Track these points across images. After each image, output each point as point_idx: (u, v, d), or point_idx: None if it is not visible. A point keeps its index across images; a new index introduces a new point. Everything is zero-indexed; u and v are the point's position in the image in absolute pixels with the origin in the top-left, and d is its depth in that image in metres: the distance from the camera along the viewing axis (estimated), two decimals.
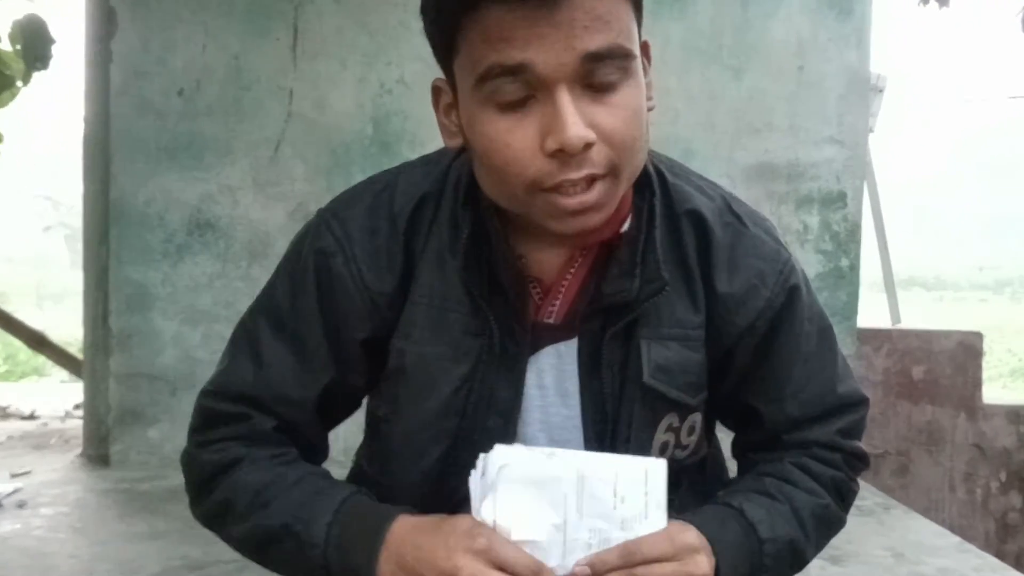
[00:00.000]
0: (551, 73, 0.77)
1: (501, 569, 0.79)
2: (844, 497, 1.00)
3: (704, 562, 0.84)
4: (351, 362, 0.95)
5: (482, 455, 0.84)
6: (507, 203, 0.86)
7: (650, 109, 0.86)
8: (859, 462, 1.02)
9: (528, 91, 0.78)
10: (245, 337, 0.97)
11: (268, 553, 0.92)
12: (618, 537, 0.82)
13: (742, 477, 1.01)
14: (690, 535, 0.85)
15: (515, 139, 0.79)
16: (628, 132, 0.80)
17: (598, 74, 0.78)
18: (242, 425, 0.94)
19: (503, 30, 0.76)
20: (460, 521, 0.83)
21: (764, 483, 0.96)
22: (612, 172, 0.81)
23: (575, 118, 0.77)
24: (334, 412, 1.00)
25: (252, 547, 0.94)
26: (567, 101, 0.77)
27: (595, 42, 0.77)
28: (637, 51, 0.82)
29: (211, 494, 0.94)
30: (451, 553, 0.80)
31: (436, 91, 0.89)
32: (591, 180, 0.80)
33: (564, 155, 0.78)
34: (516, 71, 0.77)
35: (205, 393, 0.98)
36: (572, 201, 0.80)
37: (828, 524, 0.98)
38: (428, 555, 0.82)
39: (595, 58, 0.77)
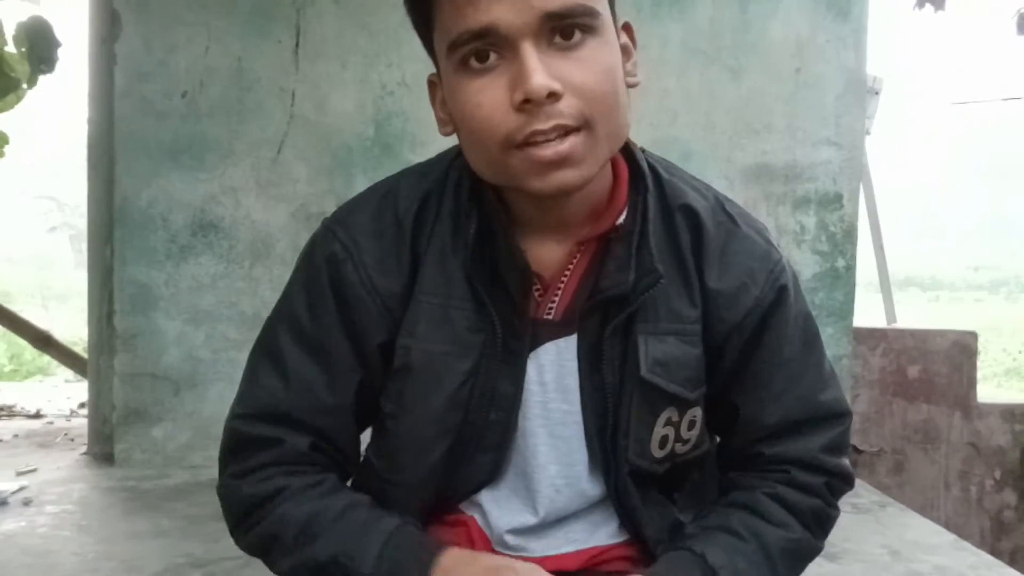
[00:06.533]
0: (514, 31, 0.79)
1: None
2: (823, 524, 0.99)
3: None
4: (373, 368, 0.95)
5: None
6: (490, 172, 0.87)
7: (632, 85, 0.88)
8: (843, 483, 1.00)
9: (497, 53, 0.81)
10: (266, 354, 0.96)
11: None
12: None
13: (713, 508, 0.99)
14: None
15: (486, 98, 0.82)
16: (597, 85, 0.82)
17: (562, 32, 0.81)
18: (276, 450, 0.93)
19: None
20: (515, 567, 0.86)
21: (731, 520, 0.95)
22: (586, 126, 0.82)
23: (538, 67, 0.79)
24: (368, 414, 0.99)
25: None
26: (531, 53, 0.80)
27: (555, 2, 0.80)
28: (603, 9, 0.84)
29: (255, 527, 0.94)
30: None
31: (431, 85, 0.92)
32: (564, 133, 0.81)
33: (531, 106, 0.80)
34: (482, 34, 0.80)
35: (235, 416, 0.96)
36: (547, 151, 0.81)
37: (800, 557, 0.97)
38: None
39: (556, 17, 0.80)
